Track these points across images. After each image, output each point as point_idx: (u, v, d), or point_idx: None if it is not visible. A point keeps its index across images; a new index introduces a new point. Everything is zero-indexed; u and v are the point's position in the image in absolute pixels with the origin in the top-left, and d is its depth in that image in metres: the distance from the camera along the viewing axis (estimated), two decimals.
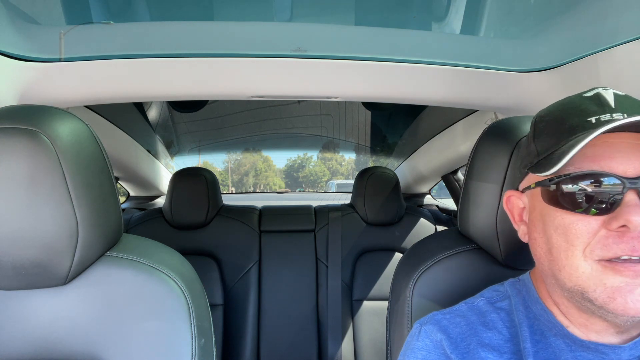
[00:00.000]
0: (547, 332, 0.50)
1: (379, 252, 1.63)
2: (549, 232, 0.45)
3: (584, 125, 0.44)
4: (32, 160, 0.50)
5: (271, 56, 0.87)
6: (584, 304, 0.44)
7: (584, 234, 0.42)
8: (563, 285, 0.45)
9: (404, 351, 0.55)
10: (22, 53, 0.80)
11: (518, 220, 0.54)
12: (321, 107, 1.71)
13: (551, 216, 0.45)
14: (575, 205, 0.43)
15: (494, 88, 0.97)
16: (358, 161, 2.64)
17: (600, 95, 0.46)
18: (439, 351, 0.51)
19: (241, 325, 1.52)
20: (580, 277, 0.43)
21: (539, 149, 0.47)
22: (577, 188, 0.43)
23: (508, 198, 0.54)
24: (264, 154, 2.39)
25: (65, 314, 0.58)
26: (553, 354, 0.48)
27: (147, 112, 1.60)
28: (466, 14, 0.89)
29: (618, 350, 0.46)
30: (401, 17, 0.92)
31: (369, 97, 1.00)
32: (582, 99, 0.47)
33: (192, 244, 1.58)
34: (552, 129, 0.47)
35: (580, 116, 0.45)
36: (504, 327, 0.52)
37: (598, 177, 0.42)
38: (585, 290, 0.42)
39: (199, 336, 0.60)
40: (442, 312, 0.56)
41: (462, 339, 0.51)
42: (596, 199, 0.42)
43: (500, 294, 0.56)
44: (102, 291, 0.58)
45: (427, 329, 0.54)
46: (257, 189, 2.62)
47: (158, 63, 0.86)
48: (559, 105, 0.50)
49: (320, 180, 2.63)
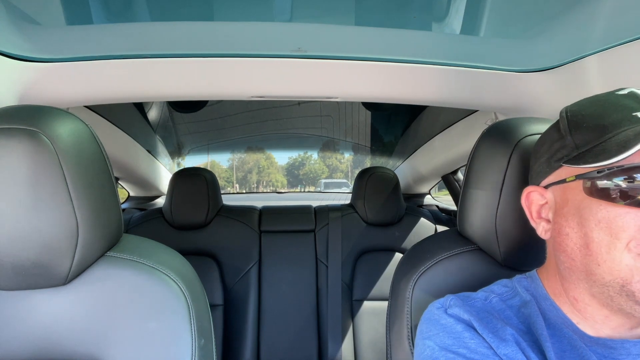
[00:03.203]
0: (559, 325, 0.50)
1: (379, 253, 1.64)
2: (588, 226, 0.45)
3: (630, 119, 0.44)
4: (33, 161, 0.50)
5: (271, 56, 0.87)
6: (617, 299, 0.44)
7: (631, 227, 0.42)
8: (598, 280, 0.45)
9: (428, 329, 0.54)
10: (22, 53, 0.80)
11: (536, 217, 0.53)
12: (321, 108, 1.71)
13: (593, 209, 0.44)
14: (625, 198, 0.42)
15: (493, 88, 0.97)
16: (356, 160, 2.65)
17: (635, 93, 0.47)
18: (471, 329, 0.51)
19: (241, 326, 1.53)
20: (622, 270, 0.43)
21: (577, 142, 0.47)
22: (631, 180, 0.42)
23: (528, 194, 0.54)
24: (266, 152, 2.42)
25: (65, 314, 0.58)
26: (569, 344, 0.48)
27: (147, 113, 1.60)
28: (466, 14, 0.89)
29: (627, 345, 0.47)
30: (401, 17, 0.92)
31: (369, 97, 1.00)
32: (617, 96, 0.48)
33: (192, 244, 1.58)
34: (593, 123, 0.46)
35: (623, 111, 0.45)
36: (519, 322, 0.52)
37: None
38: (627, 282, 0.42)
39: (199, 336, 0.60)
40: (459, 296, 0.56)
41: (487, 320, 0.51)
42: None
43: (509, 290, 0.56)
44: (102, 291, 0.58)
45: (454, 311, 0.53)
46: (260, 185, 2.65)
47: (158, 63, 0.86)
48: (591, 101, 0.50)
49: (320, 177, 2.66)
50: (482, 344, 0.49)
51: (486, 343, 0.49)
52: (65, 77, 0.86)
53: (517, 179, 0.60)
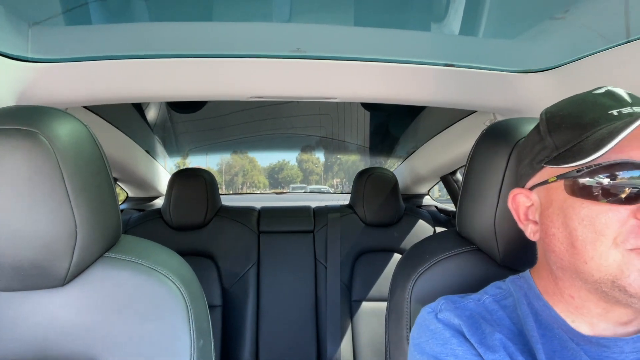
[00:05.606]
0: (551, 325, 0.50)
1: (378, 253, 1.63)
2: (572, 225, 0.45)
3: (606, 117, 0.44)
4: (31, 161, 0.50)
5: (270, 57, 0.87)
6: (612, 293, 0.44)
7: (614, 223, 0.42)
8: (588, 278, 0.45)
9: (419, 335, 0.54)
10: (21, 53, 0.80)
11: (524, 219, 0.53)
12: (320, 107, 1.71)
13: (575, 208, 0.45)
14: (606, 195, 0.43)
15: (492, 89, 0.97)
16: (325, 164, 2.74)
17: (612, 91, 0.47)
18: (459, 335, 0.51)
19: (240, 326, 1.52)
20: (610, 266, 0.43)
21: (557, 143, 0.48)
22: (610, 178, 0.43)
23: (514, 197, 0.54)
24: (249, 155, 2.52)
25: (63, 315, 0.58)
26: (559, 344, 0.48)
27: (145, 113, 1.60)
28: (465, 14, 0.89)
29: (620, 343, 0.47)
30: (400, 17, 0.92)
31: (368, 97, 1.00)
32: (594, 95, 0.48)
33: (191, 245, 1.57)
34: (571, 123, 0.47)
35: (600, 110, 0.45)
36: (512, 324, 0.52)
37: (631, 167, 0.42)
38: (618, 278, 0.42)
39: (198, 337, 0.60)
40: (451, 299, 0.56)
41: (477, 326, 0.52)
42: (626, 188, 0.42)
43: (503, 292, 0.56)
44: (101, 292, 0.58)
45: (443, 315, 0.54)
46: (244, 186, 2.72)
47: (157, 64, 0.86)
48: (570, 101, 0.50)
49: (295, 181, 2.81)
50: (469, 350, 0.49)
51: (474, 350, 0.49)
52: (64, 78, 0.86)
53: (516, 179, 0.60)
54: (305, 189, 2.96)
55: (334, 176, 2.94)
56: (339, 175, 2.98)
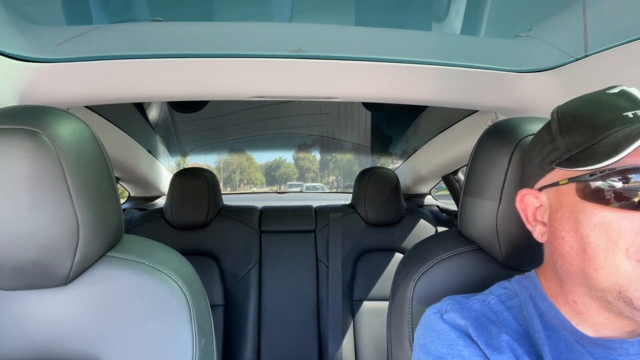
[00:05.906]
0: (557, 326, 0.50)
1: (380, 253, 1.64)
2: (583, 231, 0.44)
3: (621, 119, 0.43)
4: (33, 161, 0.50)
5: (271, 57, 0.87)
6: (616, 304, 0.43)
7: (627, 232, 0.41)
8: (596, 285, 0.44)
9: (424, 336, 0.54)
10: (23, 53, 0.80)
11: (532, 220, 0.53)
12: (321, 106, 1.71)
13: (587, 213, 0.43)
14: (619, 201, 0.41)
15: (494, 88, 0.97)
16: (321, 162, 2.76)
17: (627, 91, 0.46)
18: (466, 337, 0.51)
19: (241, 326, 1.52)
20: (620, 277, 0.42)
21: (569, 145, 0.46)
22: (624, 183, 0.41)
23: (522, 197, 0.53)
24: (247, 153, 2.54)
25: (65, 315, 0.58)
26: (565, 346, 0.48)
27: (147, 113, 1.60)
28: (466, 14, 0.89)
29: (626, 345, 0.46)
30: (401, 17, 0.92)
31: (369, 97, 1.00)
32: (607, 95, 0.47)
33: (193, 244, 1.58)
34: (584, 124, 0.46)
35: (614, 111, 0.44)
36: (518, 325, 0.52)
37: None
38: (625, 289, 0.42)
39: (200, 337, 0.60)
40: (456, 299, 0.55)
41: (483, 327, 0.51)
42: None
43: (509, 292, 0.55)
44: (103, 291, 0.58)
45: (449, 316, 0.53)
46: (241, 184, 2.75)
47: (158, 63, 0.86)
48: (582, 100, 0.49)
49: (291, 178, 2.86)
50: (476, 352, 0.49)
51: (480, 351, 0.49)
52: (66, 78, 0.86)
53: (518, 179, 0.60)
54: (302, 186, 2.97)
55: (329, 174, 2.95)
56: (334, 173, 2.99)
